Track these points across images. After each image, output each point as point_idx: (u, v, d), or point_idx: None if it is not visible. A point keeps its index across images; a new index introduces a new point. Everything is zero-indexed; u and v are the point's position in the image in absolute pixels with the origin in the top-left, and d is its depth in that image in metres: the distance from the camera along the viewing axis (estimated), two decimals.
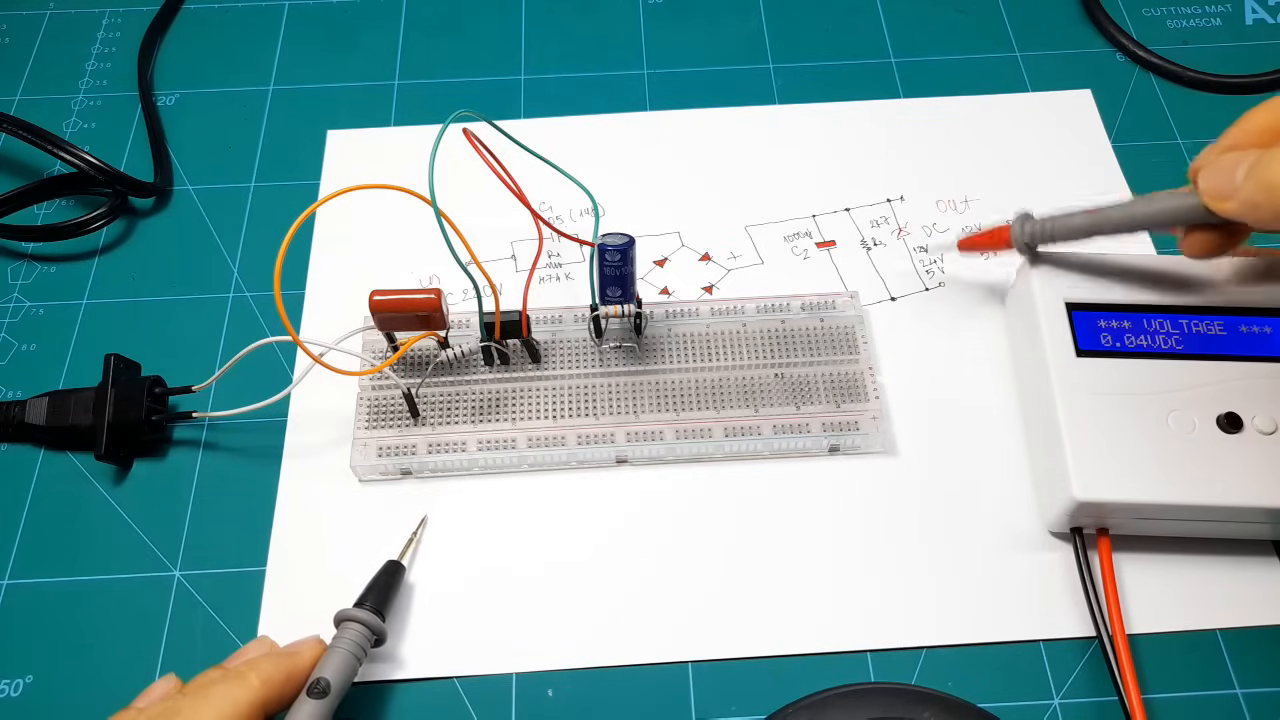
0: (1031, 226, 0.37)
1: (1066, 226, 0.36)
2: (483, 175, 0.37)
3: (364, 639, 0.32)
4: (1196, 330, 0.37)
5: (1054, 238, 0.37)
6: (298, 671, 0.28)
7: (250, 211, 0.46)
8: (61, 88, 0.50)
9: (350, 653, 0.31)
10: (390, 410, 0.38)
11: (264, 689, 0.27)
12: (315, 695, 0.28)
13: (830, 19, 0.52)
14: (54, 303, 0.43)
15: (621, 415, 0.38)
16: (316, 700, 0.28)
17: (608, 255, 0.36)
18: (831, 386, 0.39)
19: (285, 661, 0.28)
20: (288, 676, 0.28)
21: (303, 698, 0.29)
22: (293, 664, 0.28)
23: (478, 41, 0.52)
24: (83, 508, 0.38)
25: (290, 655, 0.29)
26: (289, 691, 0.28)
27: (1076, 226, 0.36)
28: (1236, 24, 0.52)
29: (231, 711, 0.25)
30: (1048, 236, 0.37)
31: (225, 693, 0.26)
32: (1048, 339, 0.37)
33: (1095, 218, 0.35)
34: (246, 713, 0.26)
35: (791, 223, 0.45)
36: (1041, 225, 0.37)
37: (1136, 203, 0.34)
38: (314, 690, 0.29)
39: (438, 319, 0.37)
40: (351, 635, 0.31)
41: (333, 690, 0.29)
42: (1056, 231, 0.36)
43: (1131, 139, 0.47)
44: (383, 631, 0.32)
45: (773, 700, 0.33)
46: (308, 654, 0.29)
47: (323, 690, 0.29)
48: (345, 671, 0.30)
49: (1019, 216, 0.38)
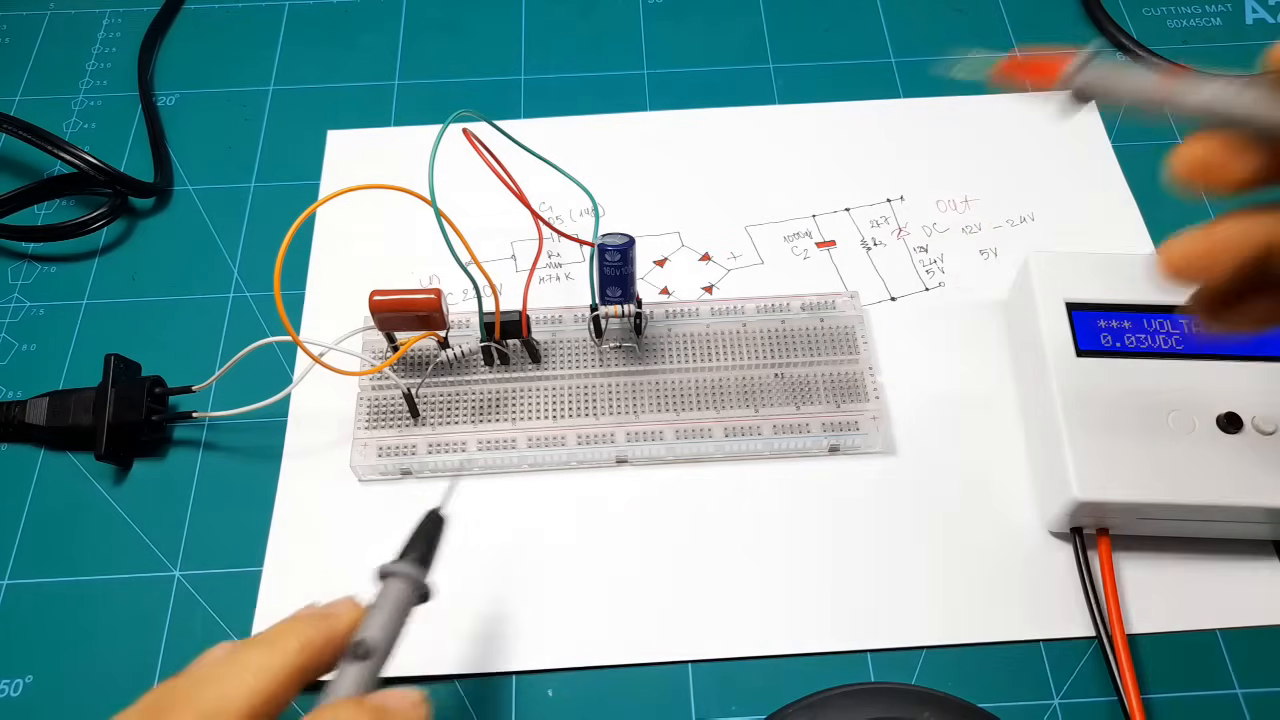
0: (1096, 73, 0.29)
1: (1135, 88, 0.28)
2: (483, 175, 0.37)
3: (408, 595, 0.28)
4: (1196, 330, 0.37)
5: (1117, 98, 0.29)
6: (337, 634, 0.26)
7: (250, 211, 0.46)
8: (61, 88, 0.50)
9: (394, 611, 0.27)
10: (390, 410, 0.38)
11: (302, 654, 0.24)
12: (358, 658, 0.26)
13: (830, 19, 0.52)
14: (54, 303, 0.43)
15: (621, 415, 0.38)
16: (359, 663, 0.26)
17: (608, 255, 0.36)
18: (831, 386, 0.39)
19: (324, 624, 0.26)
20: (327, 640, 0.25)
21: (345, 662, 0.26)
22: (332, 626, 0.26)
23: (478, 41, 0.52)
24: (83, 508, 0.38)
25: (329, 617, 0.26)
26: (329, 656, 0.25)
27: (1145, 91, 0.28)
28: (1236, 24, 0.52)
29: (269, 680, 0.23)
30: (1110, 94, 0.29)
31: (263, 662, 0.24)
32: (1048, 339, 0.37)
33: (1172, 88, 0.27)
34: (285, 680, 0.24)
35: (791, 223, 0.45)
36: (1108, 76, 0.29)
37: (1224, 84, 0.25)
38: (356, 652, 0.26)
39: (438, 319, 0.37)
40: (394, 592, 0.28)
41: (377, 652, 0.26)
42: (1122, 90, 0.28)
43: (1131, 139, 0.47)
44: (428, 587, 0.29)
45: (773, 700, 0.33)
46: (346, 615, 0.26)
47: (366, 652, 0.26)
48: (389, 631, 0.27)
49: (1085, 54, 0.29)
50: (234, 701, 0.22)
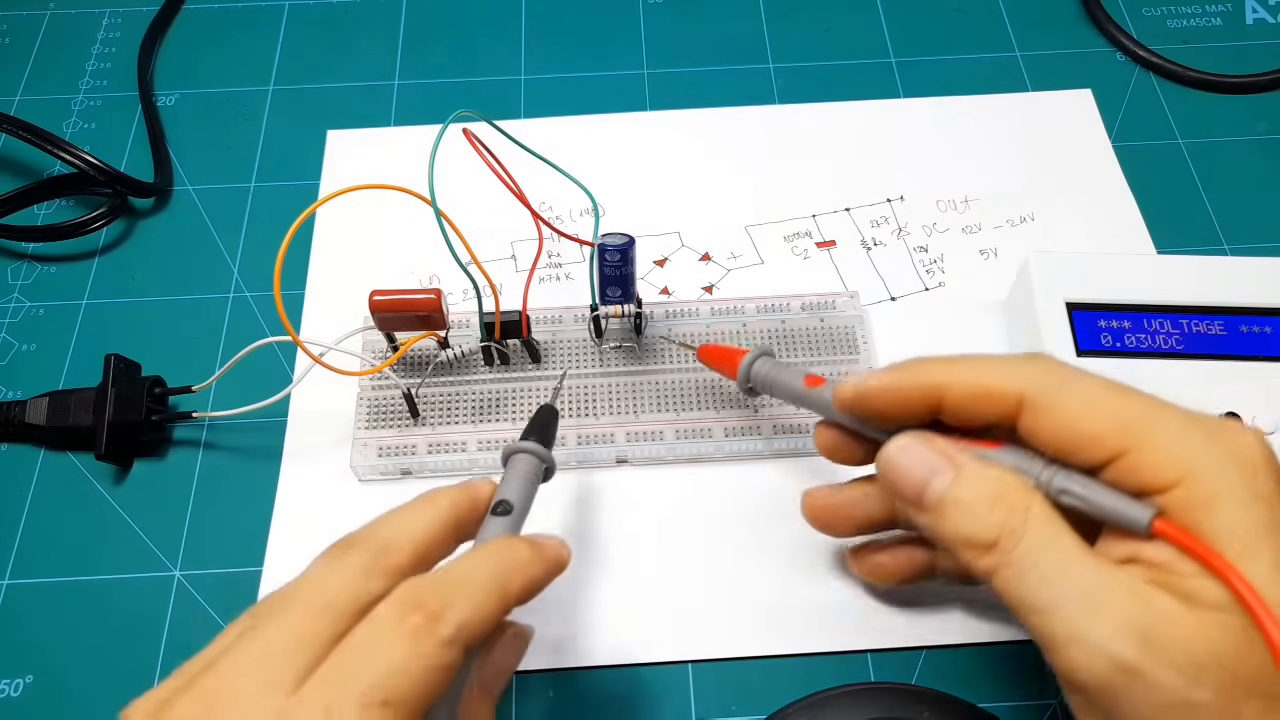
0: (760, 368, 0.34)
1: (785, 387, 0.33)
2: (483, 175, 0.37)
3: (535, 467, 0.31)
4: (1196, 330, 0.37)
5: (771, 391, 0.34)
6: (480, 499, 0.28)
7: (250, 211, 0.46)
8: (61, 88, 0.50)
9: (525, 480, 0.30)
10: (390, 410, 0.38)
11: (454, 510, 0.27)
12: (501, 513, 0.28)
13: (830, 19, 0.52)
14: (54, 303, 0.43)
15: (621, 415, 0.38)
16: (503, 518, 0.28)
17: (608, 255, 0.36)
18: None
19: (467, 489, 0.28)
20: (472, 502, 0.28)
21: (489, 518, 0.28)
22: (474, 492, 0.28)
23: (478, 41, 0.52)
24: (83, 508, 0.38)
25: (469, 486, 0.29)
26: (474, 517, 0.28)
27: (789, 393, 0.33)
28: (1236, 24, 0.52)
29: (429, 526, 0.26)
30: (766, 387, 0.34)
31: (425, 513, 0.27)
32: (1048, 339, 0.37)
33: (805, 394, 0.32)
34: (441, 529, 0.27)
35: (791, 223, 0.45)
36: (766, 373, 0.34)
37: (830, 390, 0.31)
38: (497, 511, 0.28)
39: (438, 319, 0.37)
40: (523, 464, 0.31)
41: (516, 509, 0.29)
42: (775, 387, 0.34)
43: (1131, 139, 0.47)
44: (552, 461, 0.32)
45: (773, 700, 0.33)
46: (484, 486, 0.29)
47: (507, 509, 0.28)
48: (524, 494, 0.30)
49: (755, 353, 0.34)
50: (404, 538, 0.26)
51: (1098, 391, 0.25)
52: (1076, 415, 0.25)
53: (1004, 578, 0.25)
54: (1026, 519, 0.25)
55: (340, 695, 0.22)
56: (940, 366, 0.27)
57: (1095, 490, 0.25)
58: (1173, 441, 0.24)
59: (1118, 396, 0.25)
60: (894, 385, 0.28)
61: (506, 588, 0.25)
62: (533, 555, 0.26)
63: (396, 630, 0.23)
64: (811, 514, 0.33)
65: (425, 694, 0.22)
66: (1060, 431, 0.25)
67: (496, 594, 0.25)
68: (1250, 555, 0.22)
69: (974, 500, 0.26)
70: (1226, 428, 0.25)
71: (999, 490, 0.25)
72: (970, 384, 0.27)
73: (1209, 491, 0.23)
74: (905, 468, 0.27)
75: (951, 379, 0.27)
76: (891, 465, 0.28)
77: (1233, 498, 0.23)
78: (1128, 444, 0.24)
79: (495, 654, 0.27)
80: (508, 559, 0.26)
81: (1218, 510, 0.23)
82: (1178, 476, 0.23)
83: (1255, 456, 0.24)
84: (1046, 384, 0.26)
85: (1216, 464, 0.23)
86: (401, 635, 0.23)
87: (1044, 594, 0.24)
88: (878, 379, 0.28)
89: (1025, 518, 0.25)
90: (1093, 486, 0.25)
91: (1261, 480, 0.23)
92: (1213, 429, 0.24)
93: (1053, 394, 0.25)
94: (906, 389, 0.28)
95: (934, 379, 0.27)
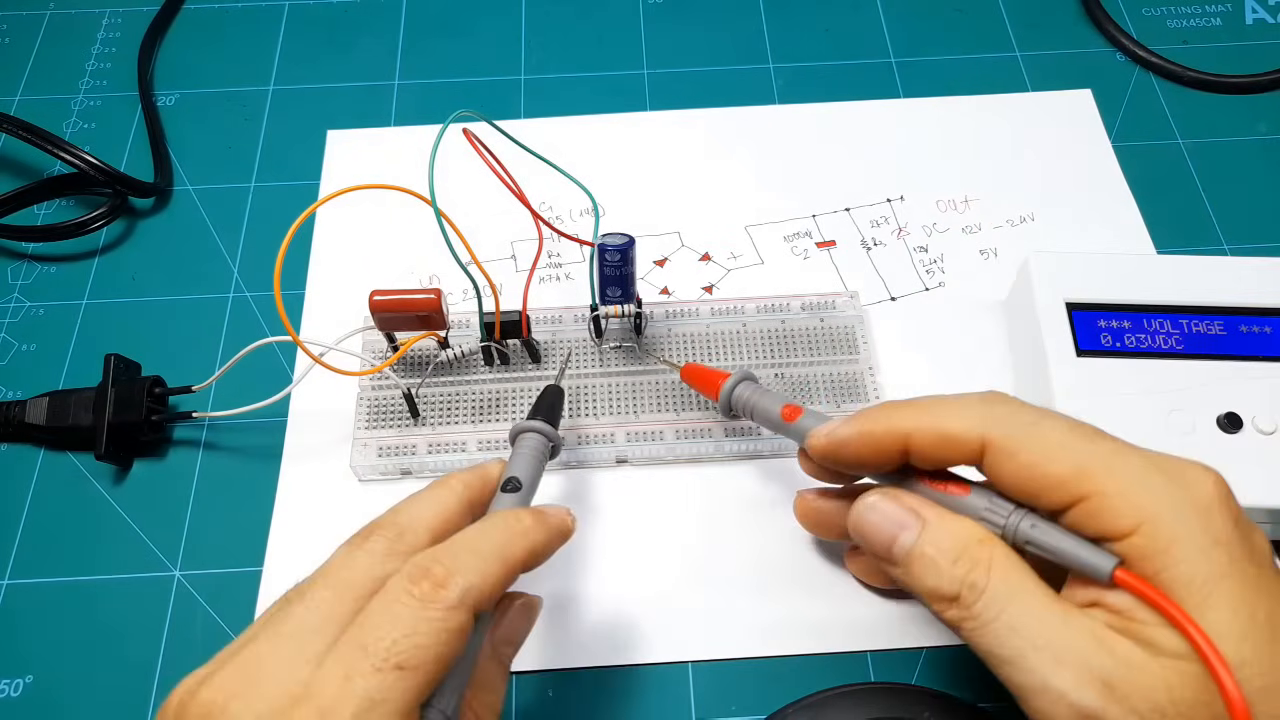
0: (741, 393, 0.34)
1: (764, 414, 0.33)
2: (483, 175, 0.37)
3: (543, 445, 0.33)
4: (1196, 330, 0.37)
5: (751, 416, 0.34)
6: (490, 478, 0.30)
7: (250, 211, 0.46)
8: (61, 88, 0.50)
9: (533, 457, 0.32)
10: (390, 410, 0.38)
11: (467, 491, 0.29)
12: (510, 490, 0.30)
13: (830, 19, 0.52)
14: (54, 303, 0.43)
15: (621, 415, 0.38)
16: (512, 494, 0.30)
17: (608, 255, 0.36)
18: (831, 386, 0.39)
19: (478, 471, 0.30)
20: (483, 482, 0.30)
21: (498, 494, 0.30)
22: (485, 473, 0.30)
23: (478, 41, 0.52)
24: (83, 508, 0.38)
25: (480, 467, 0.31)
26: (486, 494, 0.30)
27: (767, 420, 0.33)
28: (1236, 24, 0.52)
29: (444, 508, 0.28)
30: (747, 412, 0.34)
31: (439, 496, 0.29)
32: (1048, 339, 0.37)
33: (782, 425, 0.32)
34: (455, 510, 0.28)
35: (791, 223, 0.45)
36: (747, 398, 0.34)
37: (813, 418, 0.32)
38: (507, 487, 0.30)
39: (437, 319, 0.37)
40: (531, 443, 0.32)
41: (524, 486, 0.30)
42: (755, 413, 0.34)
43: (1131, 139, 0.47)
44: (559, 439, 0.33)
45: (773, 700, 0.33)
46: (494, 466, 0.31)
47: (516, 486, 0.30)
48: (532, 471, 0.31)
49: (737, 376, 0.35)
50: (421, 522, 0.27)
51: (1058, 436, 0.26)
52: (1036, 461, 0.25)
53: (969, 629, 0.25)
54: (989, 572, 0.25)
55: (358, 661, 0.23)
56: (906, 413, 0.28)
57: (1059, 539, 0.25)
58: (1131, 487, 0.24)
59: (1077, 441, 0.25)
60: (862, 434, 0.29)
61: (508, 553, 0.26)
62: (534, 522, 0.28)
63: (405, 598, 0.24)
64: (801, 517, 0.34)
65: (437, 656, 0.24)
66: (1021, 477, 0.26)
67: (498, 559, 0.26)
68: (1208, 604, 0.23)
69: (937, 555, 0.26)
70: (1186, 471, 0.25)
71: (962, 544, 0.26)
72: (933, 430, 0.27)
73: (1167, 538, 0.23)
74: (874, 525, 0.28)
75: (917, 425, 0.28)
76: (861, 523, 0.29)
77: (1190, 544, 0.23)
78: (1087, 489, 0.25)
79: (506, 622, 0.28)
80: (509, 526, 0.27)
81: (1176, 558, 0.23)
82: (1136, 523, 0.24)
83: (1213, 500, 0.24)
84: (1008, 429, 0.26)
85: (1174, 510, 0.24)
86: (410, 602, 0.24)
87: (1009, 645, 0.25)
88: (847, 429, 0.29)
89: (987, 571, 0.25)
90: (1057, 535, 0.26)
91: (1218, 524, 0.24)
92: (1172, 473, 0.25)
93: (1013, 440, 0.26)
94: (876, 437, 0.28)
95: (900, 426, 0.28)
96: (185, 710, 0.23)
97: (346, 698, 0.22)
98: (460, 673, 0.25)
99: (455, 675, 0.25)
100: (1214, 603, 0.23)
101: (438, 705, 0.24)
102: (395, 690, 0.23)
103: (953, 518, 0.27)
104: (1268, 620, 0.23)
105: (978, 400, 0.27)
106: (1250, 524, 0.24)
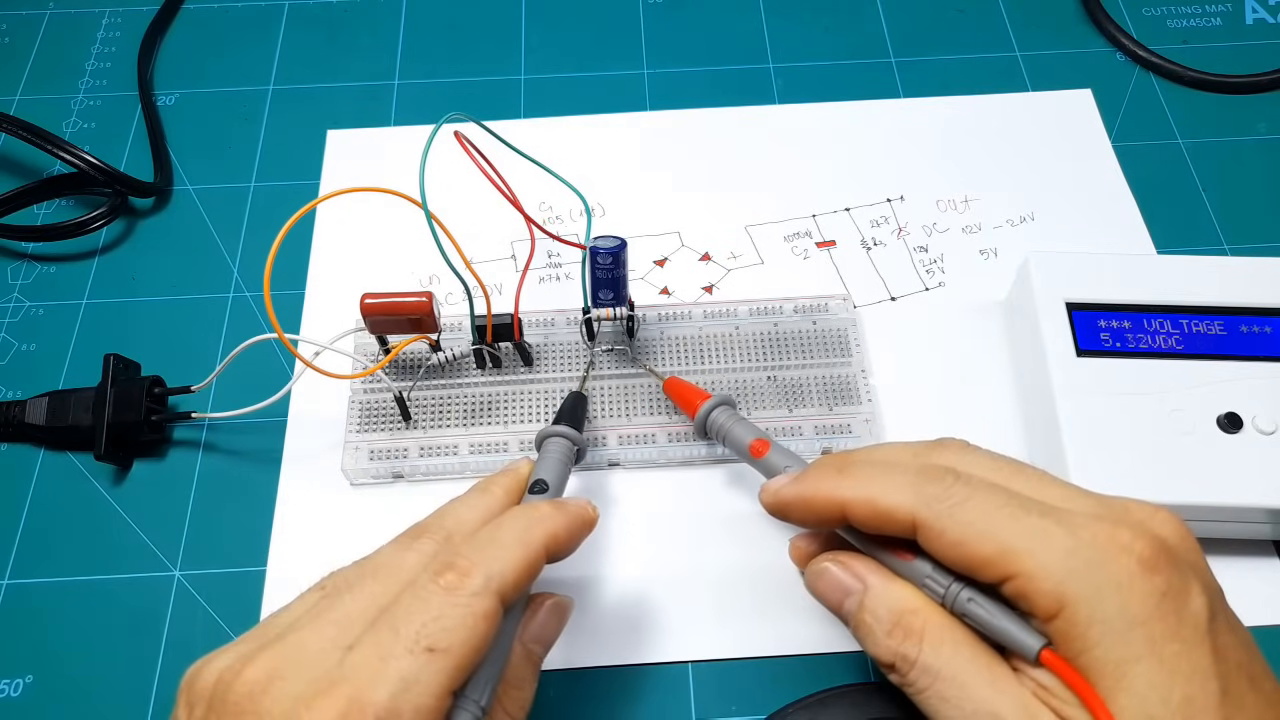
0: (717, 418, 0.35)
1: (735, 443, 0.34)
2: (481, 176, 0.37)
3: (568, 449, 0.34)
4: (1196, 330, 0.37)
5: (724, 442, 0.35)
6: (522, 478, 0.32)
7: (250, 211, 0.46)
8: (61, 88, 0.50)
9: (559, 461, 0.33)
10: (382, 413, 0.38)
11: (506, 496, 0.31)
12: (537, 492, 0.32)
13: (830, 19, 0.52)
14: (54, 303, 0.43)
15: (614, 419, 0.38)
16: (540, 495, 0.31)
17: (599, 258, 0.36)
18: (824, 389, 0.39)
19: (512, 473, 0.32)
20: (517, 483, 0.32)
21: (527, 496, 0.32)
22: (517, 474, 0.32)
23: (478, 41, 0.52)
24: (83, 508, 0.38)
25: (512, 469, 0.32)
26: (518, 495, 0.32)
27: (737, 449, 0.34)
28: (1236, 24, 0.52)
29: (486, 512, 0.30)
30: (720, 437, 0.35)
31: (481, 501, 0.30)
32: (1048, 339, 0.37)
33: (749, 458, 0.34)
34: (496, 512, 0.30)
35: (791, 223, 0.45)
36: (722, 424, 0.35)
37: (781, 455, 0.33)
38: (535, 489, 0.32)
39: (429, 322, 0.36)
40: (556, 447, 0.34)
41: (551, 488, 0.32)
42: (728, 439, 0.35)
43: (1131, 139, 0.47)
44: (583, 443, 0.35)
45: (773, 700, 0.33)
46: (525, 467, 0.33)
47: (543, 488, 0.32)
48: (559, 474, 0.33)
49: (715, 400, 0.35)
50: (467, 524, 0.29)
51: (984, 514, 0.26)
52: (962, 540, 0.26)
53: (909, 694, 0.27)
54: (920, 643, 0.26)
55: (392, 643, 0.24)
56: (844, 483, 0.28)
57: (992, 615, 0.26)
58: (1052, 569, 0.24)
59: (1002, 522, 0.25)
60: (803, 500, 0.30)
61: (527, 538, 0.28)
62: (553, 511, 0.29)
63: (434, 586, 0.25)
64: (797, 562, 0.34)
65: (466, 641, 0.24)
66: (951, 555, 0.26)
67: (518, 544, 0.27)
68: (1120, 688, 0.23)
69: (874, 624, 0.28)
70: (1116, 537, 0.25)
71: (896, 615, 0.27)
72: (868, 505, 0.28)
73: (1085, 621, 0.24)
74: (822, 591, 0.30)
75: (854, 496, 0.28)
76: (813, 587, 0.30)
77: (1107, 627, 0.24)
78: (1012, 569, 0.25)
79: (537, 622, 0.29)
80: (527, 515, 0.29)
81: (1094, 640, 0.24)
82: (1058, 606, 0.24)
83: (1134, 576, 0.24)
84: (936, 509, 0.26)
85: (1094, 592, 0.24)
86: (438, 590, 0.25)
87: (942, 713, 0.26)
88: (791, 490, 0.30)
89: (919, 642, 0.26)
90: (990, 610, 0.26)
91: (1137, 604, 0.24)
92: (1100, 544, 0.24)
93: (941, 518, 0.26)
94: (816, 505, 0.29)
95: (837, 496, 0.28)
96: (229, 688, 0.24)
97: (382, 679, 0.23)
98: (492, 666, 0.26)
99: (488, 668, 0.26)
100: (1127, 685, 0.23)
101: (472, 695, 0.25)
102: (428, 671, 0.23)
103: (894, 585, 0.28)
104: (1182, 703, 0.23)
105: (913, 476, 0.27)
106: (1186, 587, 0.24)
